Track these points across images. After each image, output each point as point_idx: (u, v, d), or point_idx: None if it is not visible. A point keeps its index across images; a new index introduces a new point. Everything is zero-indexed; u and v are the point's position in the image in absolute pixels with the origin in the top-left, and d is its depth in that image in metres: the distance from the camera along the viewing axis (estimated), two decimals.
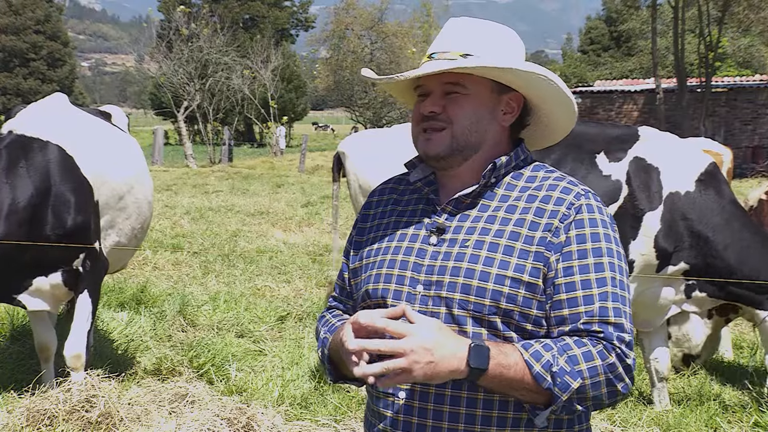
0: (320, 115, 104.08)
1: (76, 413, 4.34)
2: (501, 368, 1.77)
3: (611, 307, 1.86)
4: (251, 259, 10.17)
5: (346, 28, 45.41)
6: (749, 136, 30.09)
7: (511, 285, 1.89)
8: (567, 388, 1.77)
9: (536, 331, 1.91)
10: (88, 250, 4.90)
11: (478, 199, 2.01)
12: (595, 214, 1.94)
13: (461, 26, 2.06)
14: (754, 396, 5.51)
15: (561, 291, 1.88)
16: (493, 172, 1.99)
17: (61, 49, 62.62)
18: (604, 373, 1.81)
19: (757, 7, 31.17)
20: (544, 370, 1.77)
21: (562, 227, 1.91)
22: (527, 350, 1.80)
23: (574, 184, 1.98)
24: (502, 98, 2.02)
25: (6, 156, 4.70)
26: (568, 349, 1.80)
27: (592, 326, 1.85)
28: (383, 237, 2.10)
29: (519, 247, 1.91)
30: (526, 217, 1.94)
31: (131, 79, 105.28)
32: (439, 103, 1.99)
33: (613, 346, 1.83)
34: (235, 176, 24.03)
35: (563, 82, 2.03)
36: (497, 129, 2.03)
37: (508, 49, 2.03)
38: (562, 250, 1.90)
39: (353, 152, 5.38)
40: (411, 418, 1.95)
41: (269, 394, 5.22)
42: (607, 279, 1.88)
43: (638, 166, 5.07)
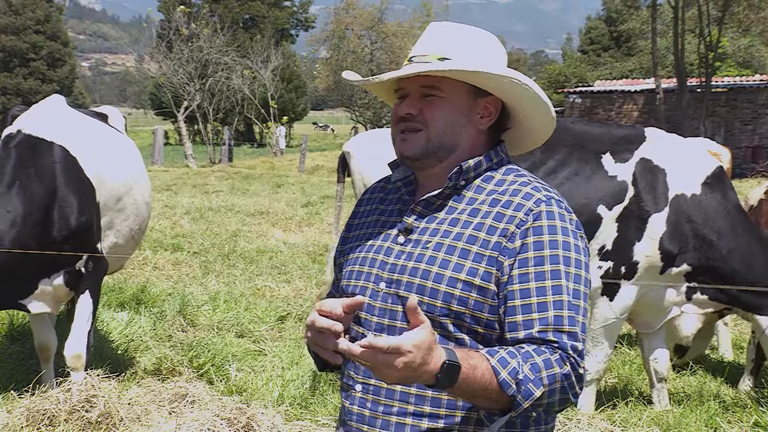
0: (320, 115, 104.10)
1: (76, 413, 4.34)
2: (467, 383, 1.76)
3: (566, 316, 1.86)
4: (251, 259, 10.17)
5: (346, 28, 45.42)
6: (749, 136, 30.09)
7: (462, 288, 1.91)
8: (530, 395, 1.78)
9: (488, 333, 1.93)
10: (90, 251, 4.91)
11: (447, 201, 2.04)
12: (555, 221, 1.93)
13: (441, 31, 2.10)
14: (754, 396, 5.52)
15: (515, 297, 1.88)
16: (459, 174, 2.02)
17: (61, 49, 62.62)
18: (561, 381, 1.81)
19: (757, 7, 31.17)
20: (510, 377, 1.77)
21: (518, 233, 1.91)
22: (493, 356, 1.79)
23: (537, 190, 1.98)
24: (478, 102, 2.05)
25: (16, 156, 4.71)
26: (529, 357, 1.80)
27: (547, 335, 1.84)
28: (363, 235, 2.16)
29: (475, 250, 1.93)
30: (485, 221, 1.96)
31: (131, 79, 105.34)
32: (416, 105, 2.04)
33: (568, 356, 1.83)
34: (235, 176, 24.03)
35: (538, 87, 2.06)
36: (473, 132, 2.06)
37: (486, 53, 2.06)
38: (518, 256, 1.90)
39: (358, 152, 5.38)
40: (363, 410, 2.01)
41: (269, 394, 5.22)
42: (563, 287, 1.88)
43: (644, 167, 5.06)
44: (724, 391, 5.71)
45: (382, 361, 1.69)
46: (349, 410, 2.04)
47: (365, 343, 1.69)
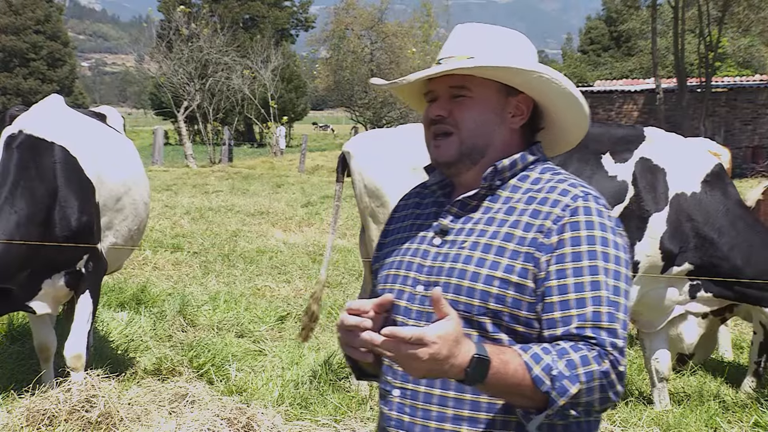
0: (320, 115, 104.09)
1: (76, 413, 4.34)
2: (499, 378, 1.73)
3: (605, 312, 1.82)
4: (251, 259, 10.17)
5: (346, 28, 45.40)
6: (749, 136, 30.09)
7: (500, 286, 1.88)
8: (565, 392, 1.74)
9: (527, 332, 1.89)
10: (91, 251, 4.92)
11: (483, 202, 2.01)
12: (593, 217, 1.90)
13: (467, 31, 2.07)
14: (754, 396, 5.51)
15: (553, 293, 1.85)
16: (495, 174, 2.00)
17: (61, 49, 62.62)
18: (599, 379, 1.77)
19: (757, 7, 31.18)
20: (543, 373, 1.74)
21: (555, 229, 1.88)
22: (526, 352, 1.77)
23: (574, 186, 1.96)
24: (509, 100, 2.02)
25: (18, 156, 4.71)
26: (565, 354, 1.77)
27: (584, 331, 1.81)
28: (399, 240, 2.14)
29: (511, 247, 1.90)
30: (521, 219, 1.93)
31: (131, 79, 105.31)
32: (446, 107, 2.02)
33: (607, 353, 1.79)
34: (235, 176, 24.03)
35: (569, 81, 2.02)
36: (506, 132, 2.04)
37: (514, 51, 2.03)
38: (555, 252, 1.87)
39: (358, 152, 5.37)
40: (402, 416, 1.97)
41: (269, 394, 5.22)
42: (601, 283, 1.84)
43: (644, 167, 5.05)
44: (724, 391, 5.71)
45: (405, 352, 1.66)
46: (388, 416, 2.00)
47: (387, 331, 1.67)
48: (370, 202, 5.22)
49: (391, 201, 5.15)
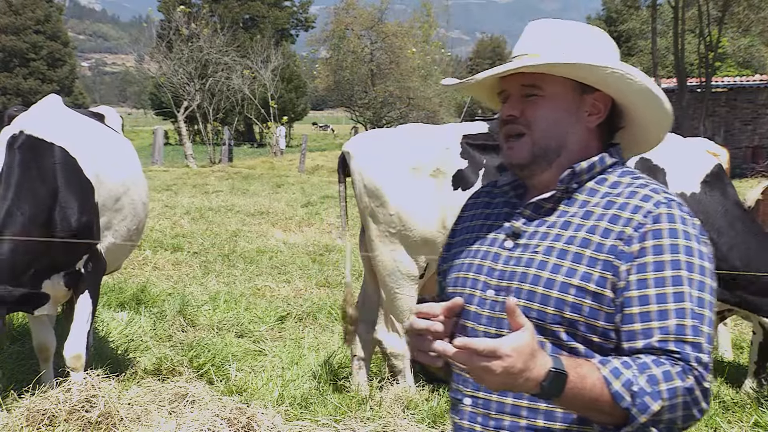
0: (320, 115, 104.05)
1: (76, 413, 4.34)
2: (576, 393, 1.67)
3: (689, 325, 1.73)
4: (251, 259, 10.17)
5: (346, 28, 45.36)
6: (749, 136, 30.10)
7: (576, 294, 1.81)
8: (647, 409, 1.66)
9: (604, 343, 1.82)
10: (90, 251, 4.92)
11: (558, 204, 1.94)
12: (677, 224, 1.81)
13: (540, 28, 2.01)
14: (754, 396, 5.51)
15: (633, 304, 1.77)
16: (572, 177, 1.93)
17: (61, 49, 62.59)
18: (683, 396, 1.69)
19: (757, 7, 31.15)
20: (623, 388, 1.67)
21: (636, 236, 1.80)
22: (605, 366, 1.70)
23: (656, 192, 1.87)
24: (585, 99, 1.95)
25: (20, 157, 4.71)
26: (647, 368, 1.69)
27: (667, 344, 1.72)
28: (468, 240, 2.07)
29: (588, 254, 1.83)
30: (599, 224, 1.85)
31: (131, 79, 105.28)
32: (518, 106, 1.95)
33: (692, 368, 1.70)
34: (235, 176, 24.02)
35: (647, 77, 1.94)
36: (582, 131, 1.96)
37: (589, 47, 1.95)
38: (635, 261, 1.79)
39: (358, 152, 5.37)
40: (474, 425, 1.92)
41: (269, 394, 5.21)
42: (685, 294, 1.75)
43: (644, 166, 5.05)
44: (724, 391, 5.71)
45: (478, 364, 1.61)
46: (459, 425, 1.95)
47: (459, 343, 1.62)
48: (370, 201, 5.22)
49: (390, 201, 5.14)
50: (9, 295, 4.40)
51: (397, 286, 5.18)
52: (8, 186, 4.61)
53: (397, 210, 5.13)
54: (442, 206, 5.10)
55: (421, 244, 5.15)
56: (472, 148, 5.23)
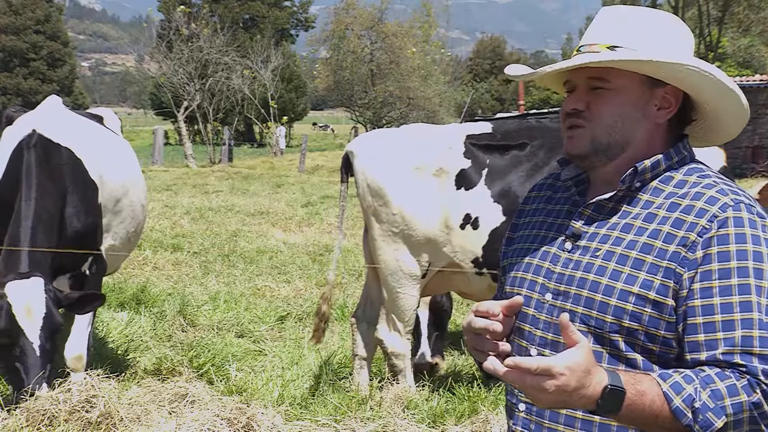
0: (320, 115, 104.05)
1: (76, 413, 4.34)
2: (634, 410, 1.62)
3: (757, 336, 1.65)
4: (251, 259, 10.17)
5: (346, 28, 45.34)
6: (749, 136, 30.08)
7: (635, 302, 1.74)
8: (709, 426, 1.61)
9: (665, 353, 1.76)
10: (95, 253, 4.94)
11: (620, 205, 1.86)
12: (745, 229, 1.72)
13: (612, 16, 1.91)
14: None
15: (697, 314, 1.70)
16: (634, 176, 1.85)
17: (61, 49, 62.60)
18: (749, 411, 1.62)
19: (757, 7, 31.20)
20: (684, 405, 1.61)
21: (701, 242, 1.72)
22: (666, 381, 1.64)
23: (724, 193, 1.77)
24: (655, 92, 1.86)
25: (36, 157, 4.72)
26: (710, 382, 1.62)
27: (733, 357, 1.65)
28: (529, 237, 2.02)
29: (650, 261, 1.75)
30: (662, 228, 1.77)
31: (131, 79, 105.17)
32: (583, 99, 1.88)
33: (759, 382, 1.63)
34: (235, 176, 24.02)
35: (723, 73, 1.85)
36: (649, 126, 1.88)
37: (663, 38, 1.86)
38: (699, 269, 1.71)
39: (361, 152, 5.37)
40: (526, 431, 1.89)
41: (269, 394, 5.21)
42: (753, 303, 1.67)
43: None
44: None
45: (531, 383, 1.57)
46: (513, 430, 1.92)
47: (511, 362, 1.58)
48: (373, 201, 5.23)
49: (393, 200, 5.15)
50: (67, 299, 4.44)
51: (399, 285, 5.18)
52: (30, 186, 4.63)
53: (400, 209, 5.13)
54: (444, 206, 5.10)
55: (424, 244, 5.15)
56: (476, 147, 5.23)
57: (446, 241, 5.10)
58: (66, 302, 4.44)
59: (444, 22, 52.48)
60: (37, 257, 4.47)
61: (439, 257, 5.18)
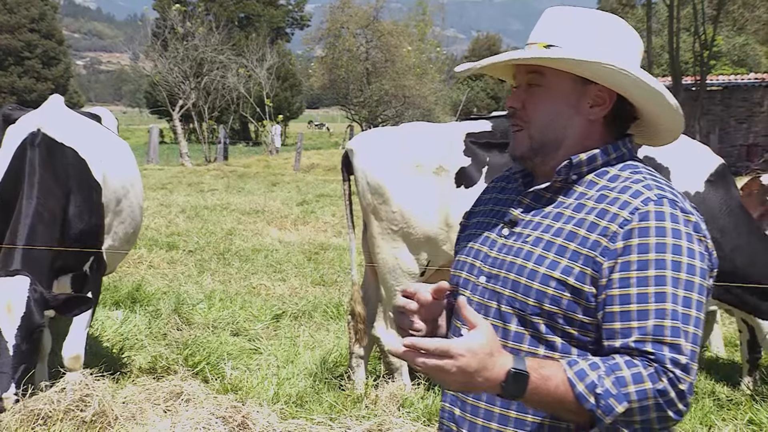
0: (316, 113, 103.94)
1: (71, 412, 4.33)
2: (539, 394, 1.69)
3: (668, 326, 1.70)
4: (246, 258, 10.16)
5: (342, 26, 45.29)
6: (744, 135, 30.15)
7: (556, 287, 1.81)
8: (611, 411, 1.67)
9: (583, 336, 1.82)
10: (96, 253, 4.93)
11: (557, 195, 1.93)
12: (665, 222, 1.77)
13: (555, 16, 1.96)
14: (748, 393, 5.52)
15: (614, 303, 1.75)
16: (569, 168, 1.91)
17: (56, 48, 62.40)
18: (654, 398, 1.68)
19: (751, 6, 31.24)
20: (587, 390, 1.68)
21: (621, 233, 1.77)
22: (572, 367, 1.70)
23: (649, 188, 1.83)
24: (588, 90, 1.90)
25: (40, 156, 4.70)
26: (616, 369, 1.69)
27: (644, 345, 1.71)
28: (478, 224, 2.09)
29: (572, 248, 1.82)
30: (588, 218, 1.83)
31: (126, 78, 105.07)
32: (521, 97, 1.95)
33: (665, 370, 1.69)
34: (230, 175, 23.98)
35: (644, 72, 1.88)
36: (583, 123, 1.93)
37: (600, 39, 1.90)
38: (619, 259, 1.76)
39: (362, 150, 5.37)
40: (454, 408, 1.97)
41: (264, 392, 5.21)
42: (668, 294, 1.72)
43: (648, 165, 5.05)
44: (718, 388, 5.72)
45: (431, 364, 1.62)
46: (442, 408, 2.03)
47: (408, 342, 1.64)
48: (373, 199, 5.22)
49: (393, 198, 5.14)
50: (55, 300, 4.39)
51: (398, 283, 5.18)
52: (32, 184, 4.61)
53: (400, 207, 5.13)
54: (444, 204, 5.10)
55: (423, 242, 5.15)
56: (475, 145, 5.23)
57: (446, 239, 5.10)
58: (54, 303, 4.37)
59: (439, 20, 52.47)
60: (33, 256, 4.45)
61: (439, 255, 5.18)
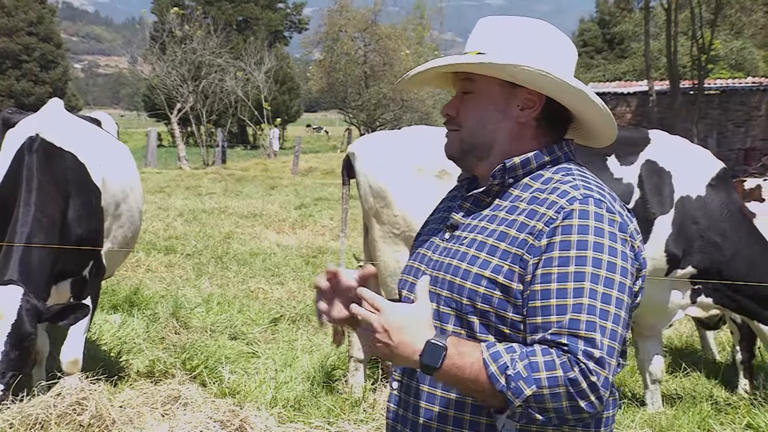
0: (314, 117, 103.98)
1: (67, 416, 4.32)
2: (455, 368, 1.75)
3: (584, 320, 1.75)
4: (244, 261, 10.15)
5: (340, 30, 45.35)
6: (742, 139, 30.19)
7: (487, 285, 1.87)
8: (520, 393, 1.71)
9: (514, 334, 1.86)
10: (96, 257, 4.92)
11: (495, 199, 1.98)
12: (588, 221, 1.82)
13: (485, 25, 2.03)
14: (746, 397, 5.52)
15: (536, 298, 1.81)
16: (504, 172, 1.95)
17: (54, 51, 62.40)
18: (565, 386, 1.71)
19: (748, 10, 31.29)
20: (499, 371, 1.72)
21: (546, 231, 1.83)
22: (489, 349, 1.76)
23: (576, 188, 1.88)
24: (517, 93, 1.95)
25: (38, 161, 4.69)
26: (531, 355, 1.74)
27: (560, 338, 1.75)
28: (427, 230, 2.16)
29: (503, 247, 1.88)
30: (518, 219, 1.89)
31: (124, 81, 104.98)
32: (455, 104, 2.03)
33: (578, 361, 1.72)
34: (228, 178, 23.98)
35: (567, 75, 1.93)
36: (513, 126, 1.97)
37: (528, 44, 1.95)
38: (543, 256, 1.82)
39: (364, 154, 5.36)
40: (398, 408, 2.04)
41: (262, 396, 5.20)
42: (585, 290, 1.77)
43: (650, 169, 5.07)
44: (716, 392, 5.72)
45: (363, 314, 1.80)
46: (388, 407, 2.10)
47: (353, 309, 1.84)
48: (375, 203, 5.22)
49: (396, 202, 5.14)
50: (48, 312, 4.36)
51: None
52: (30, 190, 4.59)
53: (403, 211, 5.13)
54: None
55: None
56: None
57: None
58: (47, 315, 4.34)
59: (437, 24, 52.59)
60: (30, 265, 4.42)
61: None
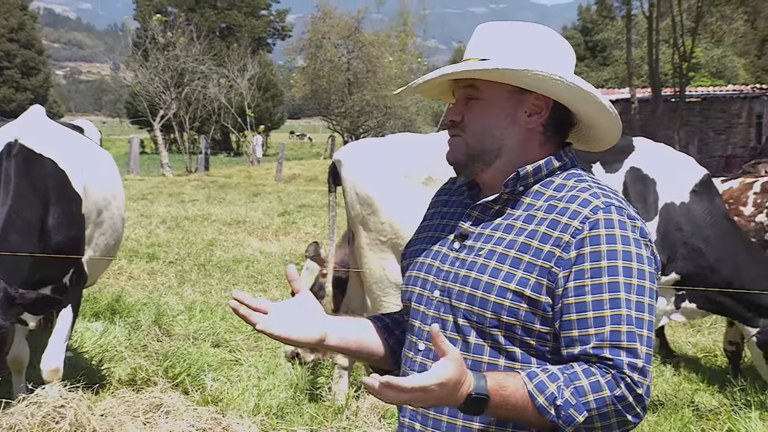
0: (297, 123, 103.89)
1: (46, 425, 4.28)
2: (499, 410, 1.75)
3: (624, 331, 1.76)
4: (227, 268, 10.12)
5: (323, 37, 45.32)
6: (723, 146, 30.45)
7: (512, 299, 1.84)
8: (572, 421, 1.73)
9: (541, 345, 1.86)
10: (77, 264, 4.88)
11: (505, 207, 1.95)
12: (614, 230, 1.82)
13: (485, 31, 2.01)
14: (727, 403, 5.55)
15: (571, 311, 1.80)
16: (517, 180, 1.93)
17: (36, 58, 62.07)
18: (613, 404, 1.74)
19: (729, 18, 31.57)
20: (547, 402, 1.73)
21: (574, 243, 1.82)
22: (531, 380, 1.75)
23: (596, 196, 1.87)
24: (524, 99, 1.94)
25: (16, 166, 4.65)
26: (575, 379, 1.74)
27: (602, 351, 1.76)
28: (425, 238, 2.11)
29: (527, 259, 1.85)
30: (539, 229, 1.86)
31: (107, 88, 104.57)
32: (459, 110, 1.99)
33: (623, 376, 1.74)
34: (211, 185, 23.90)
35: (577, 77, 1.92)
36: (521, 132, 1.96)
37: (530, 48, 1.94)
38: (573, 268, 1.81)
39: (350, 161, 5.35)
40: (414, 423, 2.02)
41: (245, 404, 5.18)
42: (622, 300, 1.78)
43: (634, 176, 5.10)
44: (698, 398, 5.75)
45: (408, 399, 1.67)
46: (402, 422, 2.08)
47: (385, 381, 1.65)
48: (362, 210, 5.21)
49: (382, 209, 5.14)
50: (22, 298, 4.31)
51: (384, 294, 5.16)
52: (6, 192, 4.55)
53: (389, 218, 5.12)
54: None
55: None
56: None
57: None
58: (20, 301, 4.28)
59: (421, 31, 52.63)
60: (4, 260, 4.40)
61: None
